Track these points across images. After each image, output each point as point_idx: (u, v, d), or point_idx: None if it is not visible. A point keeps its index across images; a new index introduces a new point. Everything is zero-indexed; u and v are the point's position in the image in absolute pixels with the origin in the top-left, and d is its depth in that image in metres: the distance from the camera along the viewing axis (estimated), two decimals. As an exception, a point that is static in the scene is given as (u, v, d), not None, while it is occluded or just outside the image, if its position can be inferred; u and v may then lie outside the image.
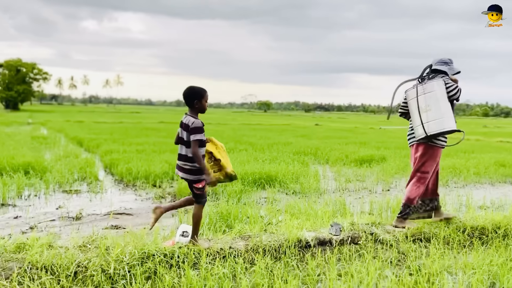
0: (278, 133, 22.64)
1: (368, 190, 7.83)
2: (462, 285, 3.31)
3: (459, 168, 9.91)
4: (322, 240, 4.25)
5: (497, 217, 5.08)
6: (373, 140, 18.23)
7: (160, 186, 7.57)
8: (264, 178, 7.78)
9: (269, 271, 3.56)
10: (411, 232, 4.51)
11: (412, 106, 4.72)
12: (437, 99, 4.54)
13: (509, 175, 9.56)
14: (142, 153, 10.78)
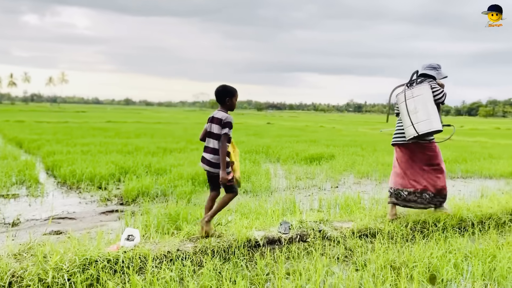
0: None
1: (317, 187, 7.96)
2: (404, 278, 3.42)
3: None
4: (271, 239, 4.25)
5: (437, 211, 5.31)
6: (323, 138, 18.64)
7: (106, 188, 7.29)
8: (214, 178, 7.69)
9: (217, 272, 3.51)
10: (357, 228, 4.62)
11: (402, 109, 5.06)
12: (425, 102, 4.89)
13: (448, 170, 10.05)
14: (87, 154, 10.34)
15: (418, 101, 4.90)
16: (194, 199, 6.43)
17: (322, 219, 4.81)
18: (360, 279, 3.43)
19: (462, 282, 3.57)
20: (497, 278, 3.57)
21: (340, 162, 10.40)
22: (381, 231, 4.63)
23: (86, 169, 7.87)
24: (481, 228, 5.10)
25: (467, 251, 4.11)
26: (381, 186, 8.20)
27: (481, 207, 5.58)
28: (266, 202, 6.22)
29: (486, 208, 5.56)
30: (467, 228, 5.04)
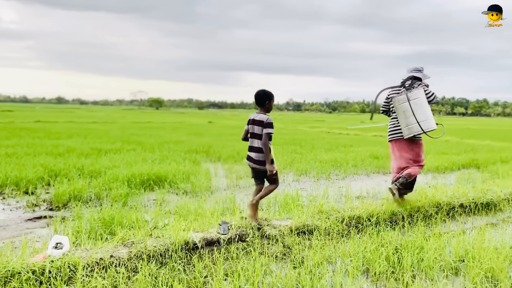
0: (170, 131, 22.14)
1: (257, 186, 7.99)
2: (340, 273, 3.51)
3: (340, 161, 10.68)
4: (210, 240, 4.19)
5: (371, 206, 5.54)
6: (263, 136, 18.82)
7: (34, 193, 6.82)
8: (153, 179, 7.49)
9: (153, 278, 3.39)
10: (296, 226, 4.69)
11: (400, 110, 5.64)
12: (421, 104, 5.56)
13: (381, 166, 10.55)
14: (12, 157, 9.62)
15: (416, 103, 5.53)
16: (130, 202, 6.19)
17: (261, 218, 4.82)
18: (298, 277, 3.48)
19: (393, 274, 3.73)
20: (424, 268, 3.77)
21: (280, 160, 10.54)
22: (318, 228, 4.73)
23: (11, 173, 7.32)
24: (410, 221, 5.39)
25: (397, 243, 4.30)
26: (319, 183, 8.41)
27: (410, 201, 5.89)
28: (206, 202, 6.14)
29: (414, 202, 5.88)
30: (398, 221, 5.30)
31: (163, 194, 6.73)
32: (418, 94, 5.56)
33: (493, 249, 4.08)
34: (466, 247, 4.15)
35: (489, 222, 5.77)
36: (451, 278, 3.69)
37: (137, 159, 9.74)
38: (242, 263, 3.68)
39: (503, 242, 4.45)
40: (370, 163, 10.74)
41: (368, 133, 24.05)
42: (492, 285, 3.51)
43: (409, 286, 3.37)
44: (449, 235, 4.68)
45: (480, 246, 4.12)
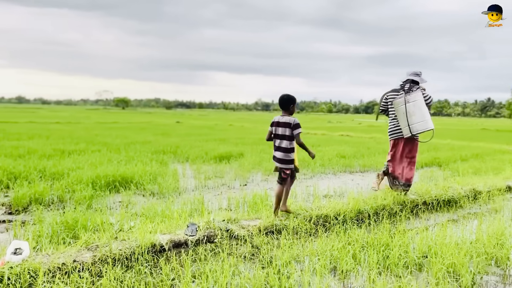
0: (136, 131, 21.73)
1: (226, 186, 7.96)
2: (308, 272, 3.54)
3: (308, 160, 10.78)
4: (177, 242, 4.13)
5: (338, 205, 5.62)
6: (232, 137, 18.77)
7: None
8: (119, 181, 7.32)
9: (119, 282, 3.30)
10: (264, 226, 4.69)
11: (400, 111, 6.08)
12: (420, 106, 5.98)
13: (348, 165, 10.74)
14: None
15: (415, 106, 5.98)
16: (95, 204, 6.02)
17: (230, 219, 4.80)
18: (266, 277, 3.47)
19: (360, 272, 3.79)
20: (389, 265, 3.85)
21: (249, 160, 10.54)
22: (287, 227, 4.76)
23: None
24: (376, 219, 5.50)
25: (364, 241, 4.38)
26: (287, 182, 8.45)
27: (376, 199, 6.02)
28: (173, 204, 6.05)
29: (380, 200, 6.01)
30: (364, 219, 5.40)
31: (129, 195, 6.59)
32: (416, 96, 6.01)
33: (455, 244, 4.22)
34: (429, 243, 4.28)
35: (450, 218, 5.97)
36: (415, 274, 3.79)
37: (102, 160, 9.49)
38: (210, 265, 3.64)
39: (463, 237, 4.61)
40: (337, 162, 10.91)
41: (335, 133, 24.44)
42: (453, 280, 3.63)
43: (375, 283, 3.43)
44: (413, 232, 4.81)
45: (442, 242, 4.25)
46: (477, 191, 7.32)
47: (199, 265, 3.75)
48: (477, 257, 4.00)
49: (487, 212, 6.32)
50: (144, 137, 17.21)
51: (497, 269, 4.03)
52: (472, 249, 4.16)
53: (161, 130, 22.90)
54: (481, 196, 7.16)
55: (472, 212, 6.40)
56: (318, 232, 4.84)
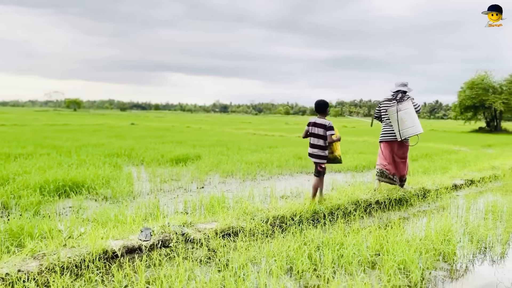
0: (89, 134, 20.99)
1: (183, 189, 7.84)
2: (264, 273, 3.53)
3: (265, 162, 10.85)
4: (131, 247, 4.00)
5: (294, 205, 5.67)
6: (189, 138, 18.56)
7: None
8: (69, 185, 7.02)
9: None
10: (221, 228, 4.65)
11: (393, 118, 6.94)
12: (410, 114, 6.85)
13: (304, 166, 10.89)
14: None
15: (406, 113, 6.84)
16: (42, 210, 5.74)
17: (186, 222, 4.72)
18: (222, 280, 3.44)
19: (315, 271, 3.83)
20: (344, 264, 3.93)
21: (206, 162, 10.45)
22: (243, 229, 4.74)
23: None
24: (331, 219, 5.60)
25: (319, 241, 4.44)
26: (245, 184, 8.46)
27: (331, 199, 6.14)
28: (127, 208, 5.88)
29: (335, 200, 6.13)
30: (319, 219, 5.48)
31: (80, 200, 6.33)
32: (407, 105, 6.89)
33: (405, 242, 4.37)
34: (381, 241, 4.40)
35: (401, 216, 6.19)
36: (368, 272, 3.88)
37: (51, 164, 9.08)
38: (165, 270, 3.56)
39: (413, 235, 4.79)
40: (293, 163, 11.03)
41: (292, 134, 24.76)
42: (404, 276, 3.75)
43: (330, 282, 3.48)
44: (366, 230, 4.93)
45: (393, 240, 4.38)
46: (426, 189, 7.64)
47: (154, 270, 3.66)
48: (426, 253, 4.16)
49: (435, 209, 6.60)
50: (97, 140, 16.65)
51: (444, 264, 4.21)
52: (422, 246, 4.33)
53: (115, 132, 22.26)
54: (430, 195, 7.47)
55: (421, 210, 6.67)
56: (274, 233, 4.85)
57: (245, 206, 5.48)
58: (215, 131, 27.85)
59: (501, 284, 3.78)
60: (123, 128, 28.72)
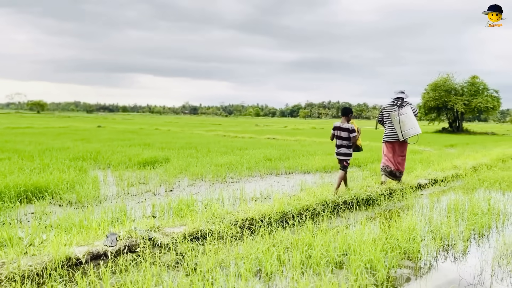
0: (53, 137, 20.34)
1: (151, 193, 7.72)
2: (233, 276, 3.51)
3: (235, 164, 10.83)
4: (96, 254, 3.90)
5: (263, 207, 5.68)
6: (157, 141, 18.29)
7: None
8: (31, 190, 6.78)
9: (28, 302, 3.03)
10: (189, 232, 4.60)
11: (395, 122, 8.07)
12: (410, 117, 8.00)
13: (274, 167, 10.94)
14: None
15: (406, 117, 7.97)
16: (2, 217, 5.50)
17: (153, 226, 4.64)
18: (190, 284, 3.40)
19: (284, 273, 3.85)
20: (312, 265, 3.96)
21: (175, 165, 10.33)
22: (212, 232, 4.70)
23: None
24: (299, 220, 5.64)
25: (288, 242, 4.46)
26: (215, 186, 8.41)
27: (300, 200, 6.18)
28: (92, 213, 5.72)
29: (304, 201, 6.18)
30: (288, 221, 5.51)
31: (43, 206, 6.12)
32: (407, 110, 8.01)
33: (372, 241, 4.45)
34: (349, 241, 4.46)
35: (368, 216, 6.31)
36: (335, 272, 3.93)
37: (12, 168, 8.74)
38: (132, 276, 3.48)
39: (380, 234, 4.88)
40: (263, 165, 11.06)
41: (262, 136, 24.84)
42: (371, 275, 3.81)
43: (298, 283, 3.50)
44: (334, 231, 4.99)
45: (360, 240, 4.46)
46: (392, 189, 7.82)
47: (120, 277, 3.57)
48: (391, 252, 4.25)
49: (400, 209, 6.76)
50: (62, 143, 16.16)
51: (409, 262, 4.31)
52: (388, 245, 4.42)
53: (81, 135, 21.67)
54: (396, 194, 7.66)
55: (387, 209, 6.82)
56: (244, 235, 4.84)
57: (214, 209, 5.44)
58: (184, 133, 27.58)
59: (463, 281, 3.91)
60: (89, 130, 28.00)
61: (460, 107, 39.46)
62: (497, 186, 8.67)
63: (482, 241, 5.12)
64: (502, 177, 9.48)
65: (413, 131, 7.97)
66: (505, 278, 3.99)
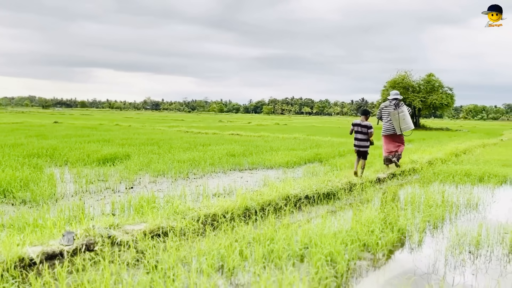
0: (5, 133, 19.40)
1: (111, 190, 7.52)
2: (194, 273, 3.48)
3: (198, 160, 10.73)
4: (51, 253, 3.75)
5: (226, 203, 5.66)
6: (117, 137, 17.84)
7: None
8: (-20, 190, 6.44)
9: (-24, 306, 2.88)
10: (150, 229, 4.52)
11: (394, 119, 9.94)
12: (406, 115, 9.91)
13: (237, 163, 10.93)
14: None
15: (404, 115, 9.89)
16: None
17: (113, 224, 4.52)
18: (151, 282, 3.34)
19: (246, 267, 3.85)
20: (274, 259, 3.99)
21: (136, 162, 10.11)
22: (174, 229, 4.64)
23: None
24: (262, 215, 5.66)
25: (250, 237, 4.47)
26: (177, 183, 8.30)
27: (262, 195, 6.21)
28: (48, 212, 5.51)
29: (266, 196, 6.21)
30: (251, 215, 5.53)
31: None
32: (403, 109, 9.93)
33: (332, 234, 4.53)
34: (310, 235, 4.53)
35: (329, 210, 6.43)
36: (297, 265, 3.98)
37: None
38: (89, 275, 3.38)
39: (340, 227, 4.99)
40: (227, 160, 11.03)
41: (226, 132, 24.76)
42: (331, 267, 3.89)
43: (260, 277, 3.51)
44: (296, 225, 5.05)
45: (321, 233, 4.53)
46: (352, 183, 8.00)
47: (76, 276, 3.46)
48: (351, 244, 4.35)
49: (360, 202, 6.93)
50: (15, 139, 15.44)
51: (368, 254, 4.43)
52: (347, 238, 4.52)
53: (36, 131, 20.79)
54: (356, 188, 7.84)
55: (348, 203, 6.97)
56: (206, 231, 4.81)
57: (176, 205, 5.37)
58: (145, 129, 27.05)
59: (418, 270, 4.06)
60: (46, 126, 26.91)
61: (418, 103, 40.95)
62: (451, 180, 9.06)
63: (436, 232, 5.34)
64: (456, 171, 9.92)
65: (408, 127, 9.93)
66: (457, 267, 4.17)
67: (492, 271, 4.08)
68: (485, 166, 10.90)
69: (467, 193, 7.63)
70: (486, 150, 16.72)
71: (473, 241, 4.82)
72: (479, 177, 9.35)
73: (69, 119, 43.00)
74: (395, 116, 9.84)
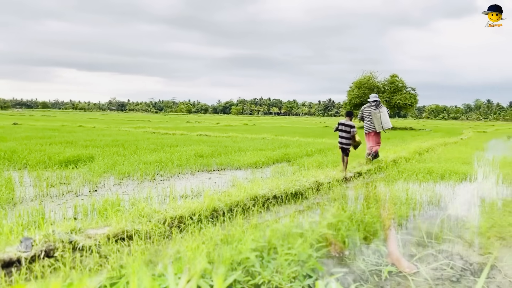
0: (-39, 135, 18.46)
1: (74, 193, 7.28)
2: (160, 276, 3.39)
3: (165, 161, 10.56)
4: (7, 261, 3.57)
5: (193, 204, 5.57)
6: (81, 139, 17.33)
7: None
8: None
9: None
10: (114, 233, 4.38)
11: (375, 117, 10.90)
12: (385, 114, 10.92)
13: (206, 164, 10.84)
14: None
15: (384, 115, 10.88)
16: None
17: (75, 228, 4.35)
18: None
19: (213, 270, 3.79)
20: (242, 260, 3.95)
21: (100, 164, 9.84)
22: (139, 232, 4.52)
23: None
24: (230, 216, 5.61)
25: (218, 239, 4.41)
26: (143, 185, 8.13)
27: (231, 196, 6.16)
28: (5, 217, 5.26)
29: (234, 196, 6.16)
30: (219, 217, 5.46)
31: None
32: (383, 109, 10.94)
33: (299, 234, 4.54)
34: (277, 235, 4.51)
35: (297, 209, 6.45)
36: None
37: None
38: (48, 282, 3.23)
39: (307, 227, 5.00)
40: (195, 161, 10.91)
41: (194, 133, 24.52)
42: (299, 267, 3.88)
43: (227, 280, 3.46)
44: (264, 225, 5.03)
45: (289, 233, 4.53)
46: (320, 183, 8.08)
47: (35, 284, 3.30)
48: (318, 244, 4.37)
49: (327, 201, 7.00)
50: (-29, 142, 14.72)
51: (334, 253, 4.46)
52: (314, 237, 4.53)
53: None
54: (323, 187, 7.92)
55: (315, 202, 7.02)
56: (172, 234, 4.71)
57: (141, 208, 5.23)
58: (110, 130, 26.40)
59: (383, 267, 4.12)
60: (4, 128, 25.81)
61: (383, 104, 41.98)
62: (414, 178, 9.30)
63: (400, 230, 5.45)
64: (419, 169, 10.20)
65: (388, 125, 10.95)
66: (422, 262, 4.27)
67: (455, 266, 4.20)
68: (446, 164, 11.27)
69: (429, 190, 7.85)
70: (447, 149, 17.31)
71: (435, 236, 4.95)
72: (441, 174, 9.65)
73: (29, 121, 41.43)
74: (376, 115, 10.86)
